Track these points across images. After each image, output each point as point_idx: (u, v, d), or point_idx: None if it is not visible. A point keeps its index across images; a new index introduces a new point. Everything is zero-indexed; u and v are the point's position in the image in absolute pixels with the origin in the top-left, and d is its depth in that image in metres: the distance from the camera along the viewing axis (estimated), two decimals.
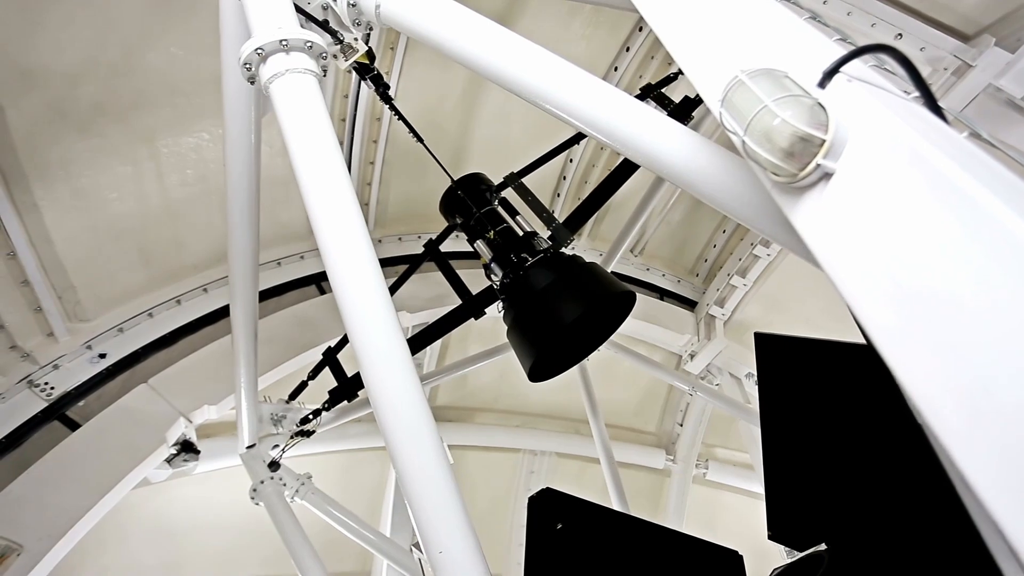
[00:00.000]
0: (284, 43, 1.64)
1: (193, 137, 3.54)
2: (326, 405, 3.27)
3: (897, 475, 1.79)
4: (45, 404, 3.19)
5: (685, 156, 1.26)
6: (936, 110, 0.88)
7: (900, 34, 3.47)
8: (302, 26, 1.87)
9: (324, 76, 1.74)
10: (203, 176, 3.65)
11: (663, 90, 3.36)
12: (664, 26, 1.31)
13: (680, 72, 3.47)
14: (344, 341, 3.18)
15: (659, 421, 6.09)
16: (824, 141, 0.81)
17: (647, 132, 1.32)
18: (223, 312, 3.92)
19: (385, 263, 4.65)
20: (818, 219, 0.81)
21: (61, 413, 3.24)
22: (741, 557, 2.26)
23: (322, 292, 4.37)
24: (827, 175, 0.81)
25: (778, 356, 2.08)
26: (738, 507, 5.82)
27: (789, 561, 1.96)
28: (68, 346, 3.38)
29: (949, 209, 0.61)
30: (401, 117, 2.58)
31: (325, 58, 1.74)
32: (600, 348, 2.84)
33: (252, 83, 1.70)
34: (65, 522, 2.87)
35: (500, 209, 2.83)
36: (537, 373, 2.49)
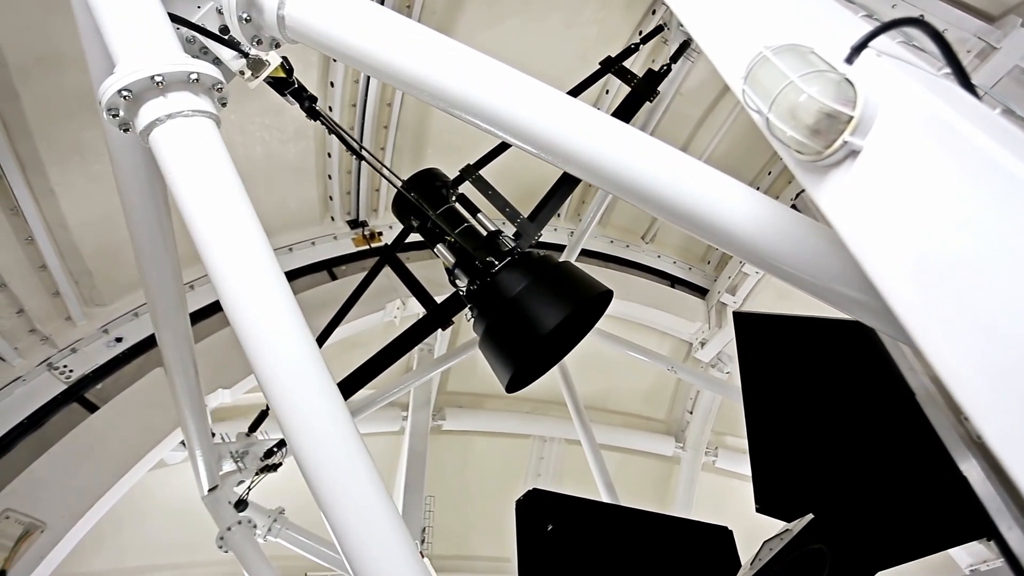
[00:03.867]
0: (158, 80, 1.21)
1: None
2: None
3: (876, 441, 1.81)
4: (64, 386, 3.25)
5: (753, 222, 1.06)
6: (968, 86, 0.85)
7: (922, 15, 3.38)
8: (189, 44, 1.49)
9: (225, 107, 1.36)
10: None
11: (625, 63, 3.20)
12: (682, 2, 1.29)
13: (642, 42, 3.33)
14: None
15: (669, 409, 6.09)
16: (851, 118, 0.79)
17: (703, 194, 1.10)
18: None
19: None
20: (844, 198, 0.80)
21: (80, 395, 3.30)
22: (731, 532, 2.29)
23: (334, 278, 4.40)
24: (853, 152, 0.80)
25: (756, 334, 2.09)
26: (747, 495, 5.82)
27: (778, 532, 1.98)
28: (85, 330, 3.44)
29: (986, 186, 0.59)
30: (334, 131, 2.36)
31: (221, 89, 1.34)
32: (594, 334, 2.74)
33: (126, 131, 1.30)
34: (86, 501, 2.94)
35: (459, 207, 2.60)
36: (515, 386, 2.39)
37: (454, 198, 2.62)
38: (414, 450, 4.62)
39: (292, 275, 4.23)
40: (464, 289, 2.42)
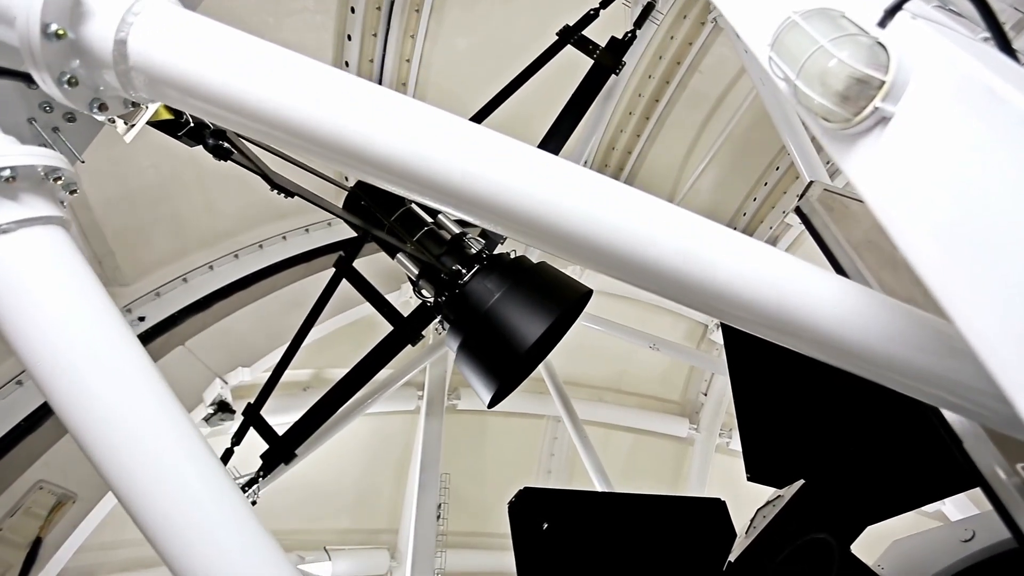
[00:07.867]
0: None
1: None
2: (261, 472, 2.82)
3: (861, 402, 1.84)
4: None
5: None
6: (1008, 50, 0.82)
7: None
8: (30, 88, 1.10)
9: (75, 194, 1.01)
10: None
11: (584, 32, 2.90)
12: None
13: (601, 7, 3.00)
14: (264, 396, 2.76)
15: (683, 390, 6.09)
16: (883, 82, 0.76)
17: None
18: (254, 278, 4.01)
19: None
20: (873, 166, 0.77)
21: None
22: (724, 503, 2.33)
23: None
24: (884, 119, 0.77)
25: None
26: None
27: (770, 499, 2.01)
28: None
29: None
30: (253, 169, 2.03)
31: (60, 178, 0.95)
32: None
33: None
34: None
35: (416, 208, 2.37)
36: (496, 400, 2.26)
37: (411, 199, 2.40)
38: (430, 429, 4.68)
39: (307, 256, 4.28)
40: (432, 301, 2.24)
